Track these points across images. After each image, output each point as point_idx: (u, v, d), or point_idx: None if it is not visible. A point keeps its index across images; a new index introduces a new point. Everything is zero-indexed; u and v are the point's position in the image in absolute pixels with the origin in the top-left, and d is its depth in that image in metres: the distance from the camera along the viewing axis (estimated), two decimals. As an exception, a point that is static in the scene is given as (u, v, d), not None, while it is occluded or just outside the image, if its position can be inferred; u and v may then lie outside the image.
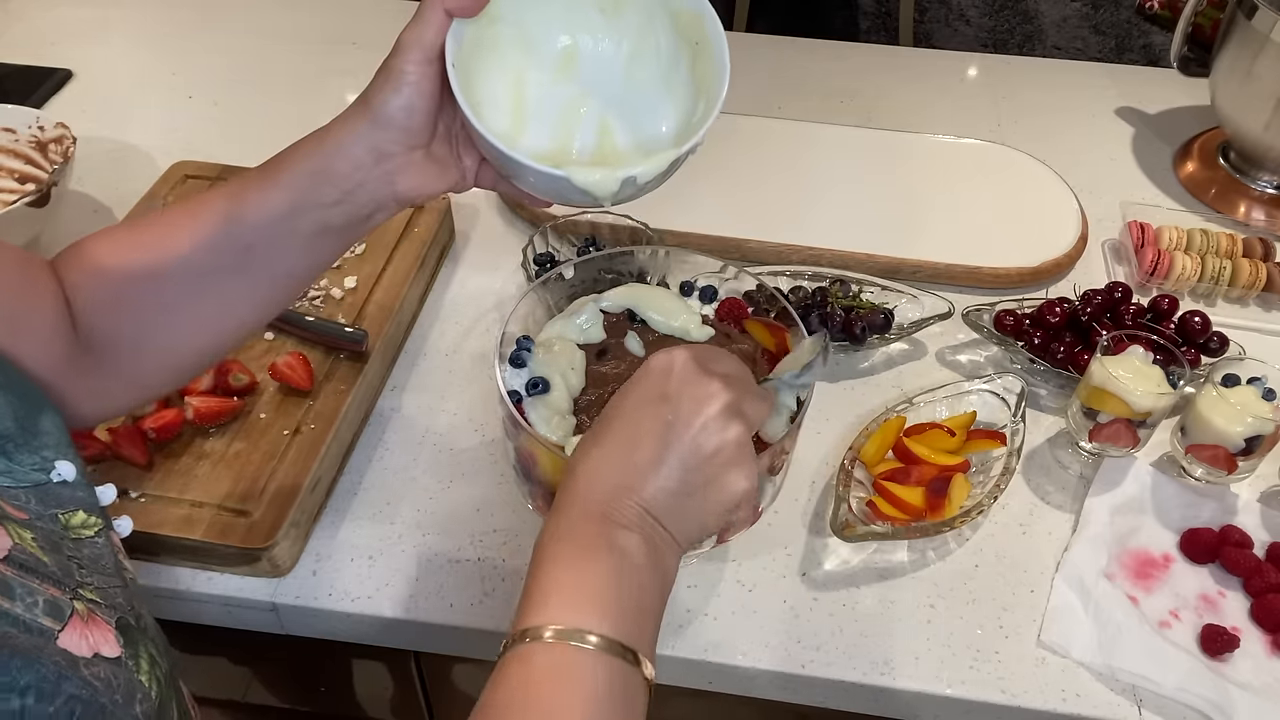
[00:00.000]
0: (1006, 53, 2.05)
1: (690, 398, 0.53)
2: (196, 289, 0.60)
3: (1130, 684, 0.72)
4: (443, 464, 0.85)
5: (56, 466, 0.53)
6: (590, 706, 0.47)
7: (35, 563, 0.48)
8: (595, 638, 0.47)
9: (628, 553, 0.50)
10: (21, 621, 0.45)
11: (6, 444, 0.51)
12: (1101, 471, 0.85)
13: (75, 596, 0.49)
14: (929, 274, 1.02)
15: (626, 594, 0.50)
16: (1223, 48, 1.12)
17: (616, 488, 0.52)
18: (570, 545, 0.51)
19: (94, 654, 0.47)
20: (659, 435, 0.53)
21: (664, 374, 0.54)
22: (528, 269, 0.97)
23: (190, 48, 1.34)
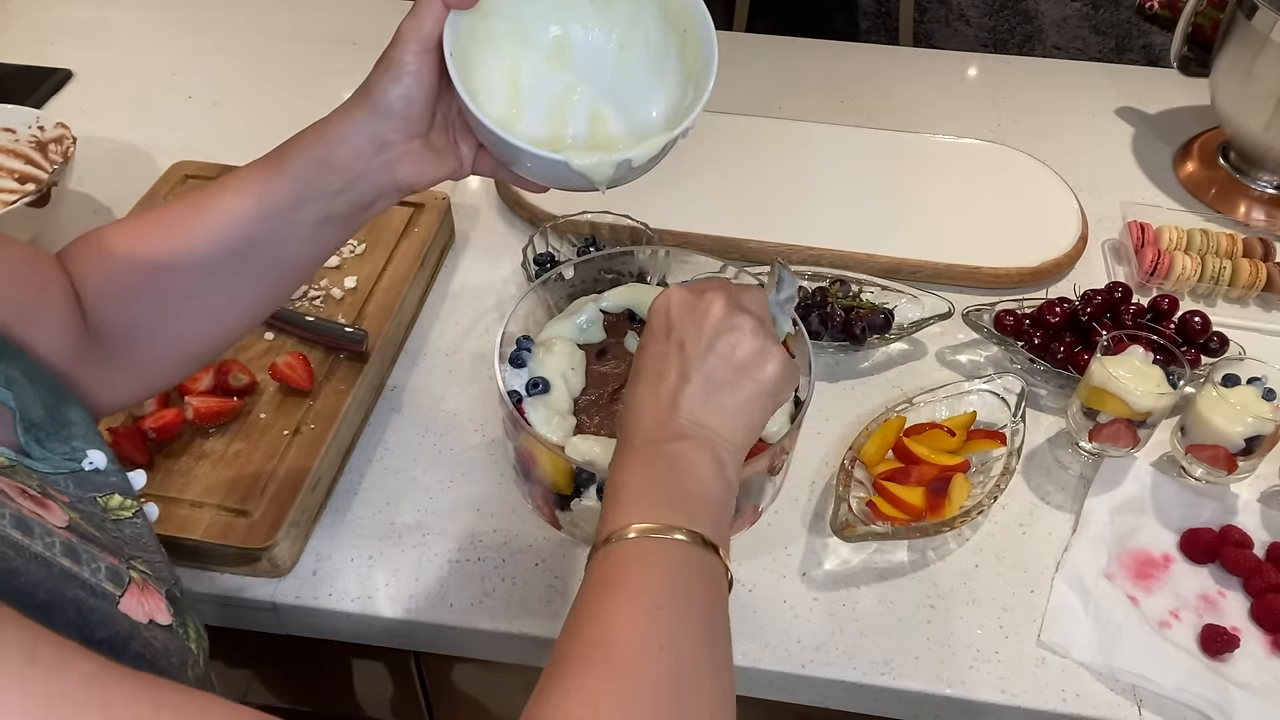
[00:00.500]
0: (1006, 53, 2.05)
1: (691, 318, 0.58)
2: (205, 280, 0.61)
3: (1130, 684, 0.72)
4: (443, 464, 0.85)
5: (88, 455, 0.55)
6: (664, 580, 0.49)
7: (91, 535, 0.50)
8: (679, 533, 0.50)
9: (688, 461, 0.54)
10: (89, 585, 0.47)
11: (39, 433, 0.53)
12: (1101, 471, 0.85)
13: (129, 566, 0.51)
14: (929, 274, 1.02)
15: (694, 495, 0.53)
16: (1223, 48, 1.12)
17: (658, 414, 0.56)
18: (634, 468, 0.54)
19: (150, 620, 0.50)
20: (676, 358, 0.57)
21: (662, 312, 0.59)
22: (528, 269, 0.97)
23: (190, 48, 1.34)
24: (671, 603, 0.48)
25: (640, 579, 0.49)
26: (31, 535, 0.46)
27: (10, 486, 0.48)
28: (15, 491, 0.48)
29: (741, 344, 0.57)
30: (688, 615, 0.48)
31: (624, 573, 0.49)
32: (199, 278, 0.61)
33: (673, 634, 0.47)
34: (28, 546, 0.45)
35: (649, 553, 0.50)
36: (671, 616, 0.47)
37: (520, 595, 0.76)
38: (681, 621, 0.47)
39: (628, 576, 0.49)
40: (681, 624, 0.47)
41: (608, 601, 0.48)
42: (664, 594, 0.48)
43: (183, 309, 0.62)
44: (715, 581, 0.51)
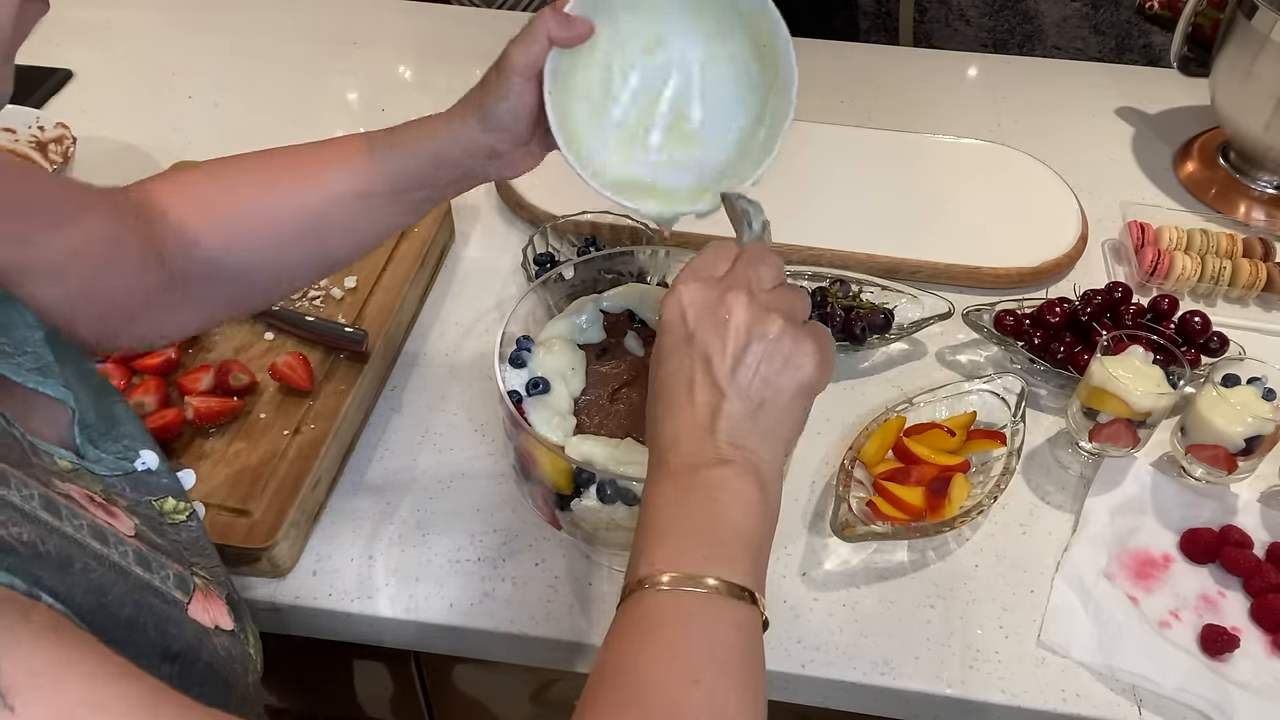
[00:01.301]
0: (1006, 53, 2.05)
1: (712, 325, 0.53)
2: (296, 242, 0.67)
3: (1130, 684, 0.72)
4: (443, 464, 0.85)
5: (141, 455, 0.56)
6: (702, 645, 0.47)
7: (155, 541, 0.51)
8: (708, 580, 0.48)
9: (730, 493, 0.51)
10: (161, 593, 0.48)
11: (92, 433, 0.53)
12: (1101, 471, 0.85)
13: (192, 572, 0.52)
14: (929, 274, 1.02)
15: (734, 535, 0.50)
16: (1223, 48, 1.12)
17: (694, 435, 0.52)
18: (672, 497, 0.51)
19: (215, 625, 0.50)
20: (705, 374, 0.53)
21: (677, 317, 0.54)
22: (528, 269, 0.97)
23: (190, 48, 1.34)
24: (707, 672, 0.46)
25: (676, 641, 0.47)
26: (108, 544, 0.46)
27: (80, 494, 0.48)
28: (84, 499, 0.48)
29: (775, 350, 0.53)
30: (721, 686, 0.46)
31: (659, 630, 0.47)
32: (294, 238, 0.66)
33: (709, 705, 0.45)
34: (106, 556, 0.45)
35: (685, 610, 0.48)
36: (707, 690, 0.46)
37: (520, 595, 0.76)
38: (716, 693, 0.46)
39: (663, 635, 0.47)
40: (716, 695, 0.46)
41: (643, 658, 0.47)
42: (700, 662, 0.46)
43: (269, 263, 0.67)
44: (751, 637, 0.49)
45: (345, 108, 1.24)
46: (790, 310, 0.55)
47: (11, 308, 0.53)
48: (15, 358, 0.51)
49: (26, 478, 0.44)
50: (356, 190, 0.66)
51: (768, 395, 0.53)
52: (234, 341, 0.90)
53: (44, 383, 0.51)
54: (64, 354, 0.55)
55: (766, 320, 0.53)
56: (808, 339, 0.54)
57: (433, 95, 1.26)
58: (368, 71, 1.30)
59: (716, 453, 0.52)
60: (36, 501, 0.43)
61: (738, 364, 0.53)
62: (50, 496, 0.45)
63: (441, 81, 1.30)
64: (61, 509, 0.45)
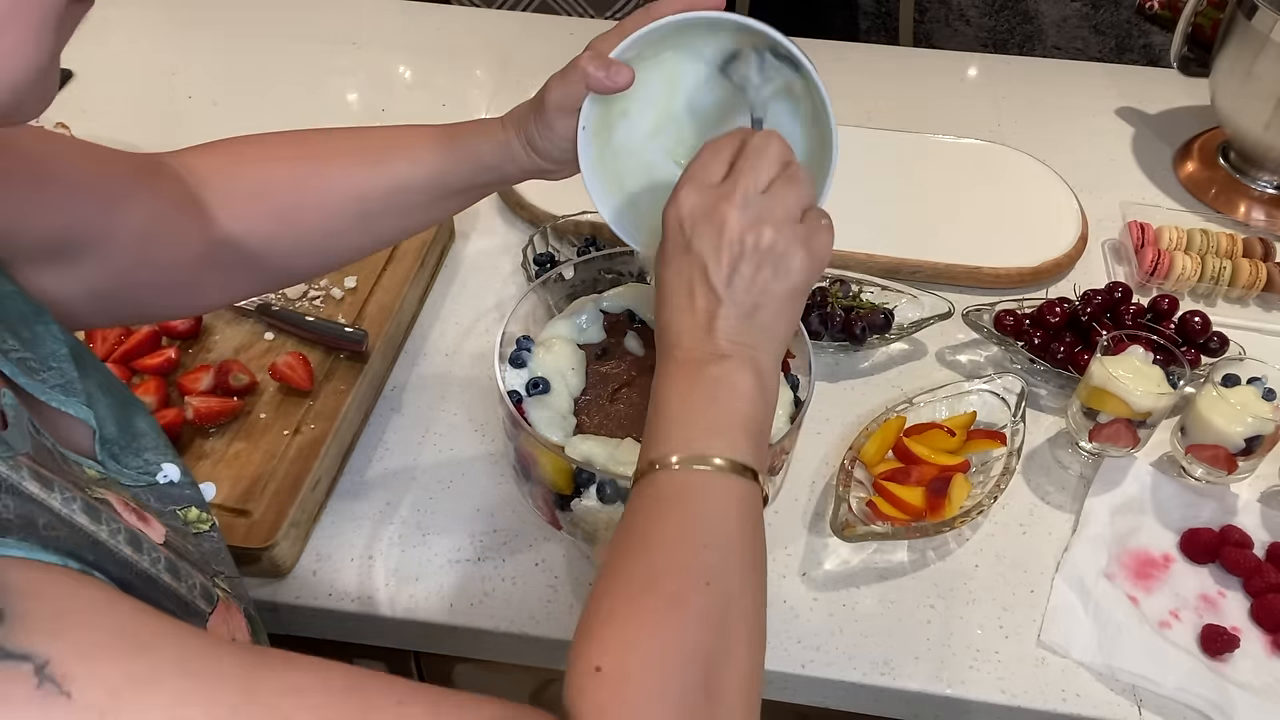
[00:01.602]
0: (1006, 53, 2.05)
1: (708, 235, 0.55)
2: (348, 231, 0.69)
3: (1130, 684, 0.72)
4: (443, 464, 0.85)
5: (163, 468, 0.56)
6: (709, 515, 0.50)
7: (183, 549, 0.51)
8: (713, 458, 0.51)
9: (730, 383, 0.54)
10: (187, 603, 0.48)
11: (114, 448, 0.54)
12: (1101, 471, 0.85)
13: (214, 585, 0.52)
14: (929, 274, 1.02)
15: (736, 419, 0.53)
16: (1223, 48, 1.12)
17: (694, 334, 0.55)
18: (677, 387, 0.55)
19: (233, 639, 0.51)
20: (702, 280, 0.55)
21: (678, 225, 0.56)
22: (528, 269, 0.97)
23: (190, 48, 1.34)
24: (716, 539, 0.50)
25: (686, 513, 0.50)
26: (141, 551, 0.46)
27: (117, 499, 0.48)
28: (120, 505, 0.48)
29: (766, 258, 0.55)
30: (731, 551, 0.50)
31: (670, 505, 0.51)
32: (344, 223, 0.68)
33: (718, 570, 0.48)
34: (137, 564, 0.46)
35: (693, 485, 0.51)
36: (716, 554, 0.49)
37: (520, 595, 0.76)
38: (726, 558, 0.49)
39: (674, 509, 0.51)
40: (725, 560, 0.49)
41: (654, 533, 0.50)
42: (709, 531, 0.50)
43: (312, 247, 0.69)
44: (754, 509, 0.52)
45: (345, 108, 1.24)
46: (784, 213, 0.56)
47: (40, 322, 0.53)
48: (41, 373, 0.51)
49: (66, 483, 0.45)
50: (420, 184, 0.68)
51: (761, 300, 0.55)
52: (234, 341, 0.90)
53: (66, 402, 0.52)
54: (88, 368, 0.55)
55: (759, 229, 0.55)
56: (797, 245, 0.55)
57: (433, 95, 1.27)
58: (368, 71, 1.30)
59: (715, 349, 0.55)
60: (77, 505, 0.44)
61: (732, 273, 0.55)
62: (90, 501, 0.45)
63: (441, 81, 1.30)
64: (101, 514, 0.45)
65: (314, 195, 0.67)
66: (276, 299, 0.93)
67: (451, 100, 1.26)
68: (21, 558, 0.38)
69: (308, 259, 0.70)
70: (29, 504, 0.41)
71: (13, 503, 0.40)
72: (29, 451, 0.44)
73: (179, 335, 0.89)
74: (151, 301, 0.66)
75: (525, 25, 1.42)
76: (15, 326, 0.52)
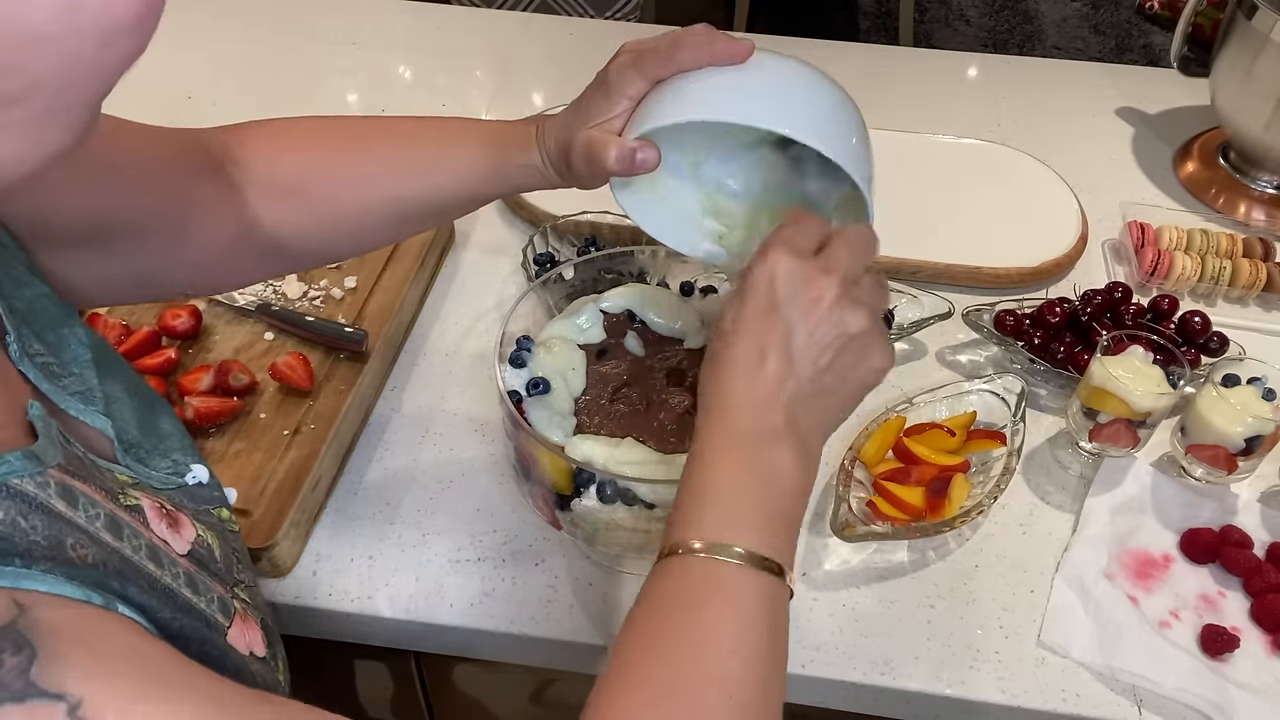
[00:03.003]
0: (1006, 53, 2.05)
1: (800, 304, 0.53)
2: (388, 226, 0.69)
3: (1130, 684, 0.72)
4: (443, 464, 0.85)
5: (193, 469, 0.56)
6: (738, 619, 0.48)
7: (208, 558, 0.51)
8: (743, 552, 0.49)
9: (776, 466, 0.52)
10: (205, 616, 0.48)
11: (139, 451, 0.54)
12: (1101, 471, 0.85)
13: (234, 595, 0.52)
14: (929, 274, 1.02)
15: (775, 507, 0.51)
16: (1223, 48, 1.12)
17: (755, 403, 0.52)
18: (721, 460, 0.52)
19: (250, 652, 0.51)
20: (781, 345, 0.52)
21: (768, 285, 0.53)
22: (528, 269, 0.97)
23: (189, 46, 1.34)
24: (743, 645, 0.48)
25: (714, 612, 0.48)
26: (161, 566, 0.46)
27: (151, 504, 0.49)
28: (154, 512, 0.48)
29: (854, 344, 0.53)
30: (756, 659, 0.48)
31: (696, 600, 0.48)
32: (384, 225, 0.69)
33: (740, 680, 0.47)
34: (159, 579, 0.46)
35: (723, 579, 0.49)
36: (739, 661, 0.47)
37: (520, 595, 0.76)
38: (750, 666, 0.47)
39: (700, 605, 0.48)
40: (749, 668, 0.47)
41: (677, 630, 0.48)
42: (737, 636, 0.48)
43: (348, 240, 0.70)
44: (782, 611, 0.50)
45: (345, 108, 1.24)
46: (875, 307, 0.55)
47: (66, 325, 0.53)
48: (62, 379, 0.51)
49: (95, 493, 0.45)
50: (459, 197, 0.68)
51: (834, 385, 0.53)
52: (234, 341, 0.90)
53: (84, 410, 0.51)
54: (114, 370, 0.55)
55: (855, 313, 0.53)
56: (882, 340, 0.55)
57: (433, 95, 1.27)
58: (367, 71, 1.30)
59: (772, 425, 0.52)
60: (101, 522, 0.44)
61: (817, 347, 0.53)
62: (115, 515, 0.45)
63: (441, 81, 1.30)
64: (124, 528, 0.45)
65: (352, 195, 0.67)
66: (276, 299, 0.93)
67: (451, 100, 1.26)
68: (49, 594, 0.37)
69: (339, 248, 0.71)
70: (58, 523, 0.41)
71: (41, 523, 0.40)
72: (60, 462, 0.44)
73: (179, 335, 0.89)
74: (185, 280, 0.66)
75: (525, 25, 1.42)
76: (42, 330, 0.52)
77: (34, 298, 0.52)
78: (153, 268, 0.61)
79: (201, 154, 0.63)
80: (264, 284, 0.94)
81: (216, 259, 0.64)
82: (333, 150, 0.67)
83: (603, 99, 0.61)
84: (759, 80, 0.58)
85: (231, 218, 0.64)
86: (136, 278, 0.61)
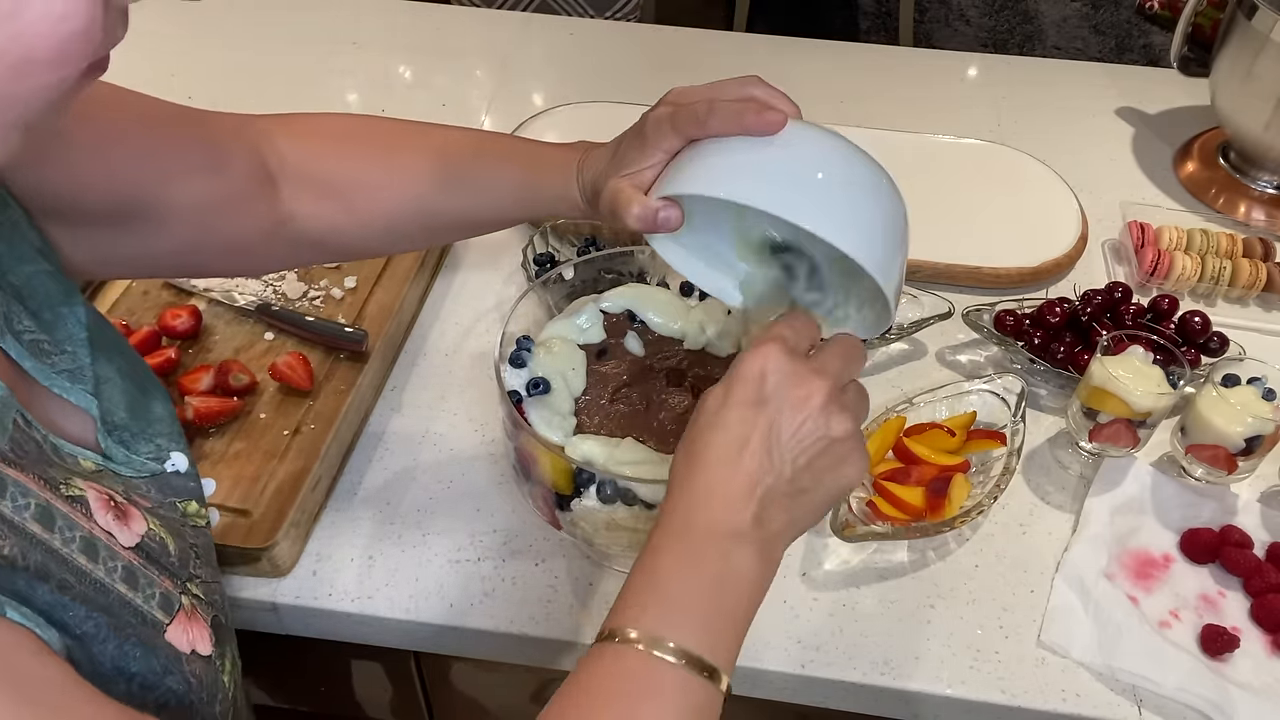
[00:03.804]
0: (1006, 53, 2.05)
1: (789, 400, 0.52)
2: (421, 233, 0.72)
3: (1130, 684, 0.72)
4: (443, 464, 0.85)
5: (171, 457, 0.56)
6: None
7: (159, 551, 0.51)
8: (681, 652, 0.48)
9: (736, 565, 0.50)
10: (140, 613, 0.47)
11: (124, 434, 0.54)
12: (1101, 471, 0.85)
13: (184, 591, 0.51)
14: (929, 274, 1.02)
15: (724, 607, 0.50)
16: (1223, 48, 1.12)
17: (729, 497, 0.51)
18: (680, 551, 0.51)
19: (192, 650, 0.50)
20: (762, 442, 0.52)
21: (758, 378, 0.53)
22: (528, 269, 0.97)
23: (189, 48, 1.34)
24: None
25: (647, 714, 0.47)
26: (96, 559, 0.46)
27: (97, 496, 0.48)
28: (100, 503, 0.48)
29: (835, 450, 0.53)
30: None
31: (633, 697, 0.47)
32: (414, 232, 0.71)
33: None
34: (89, 573, 0.45)
35: (662, 684, 0.47)
36: None
37: (520, 595, 0.76)
38: None
39: (636, 705, 0.47)
40: None
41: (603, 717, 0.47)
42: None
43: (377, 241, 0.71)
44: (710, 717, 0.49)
45: (345, 108, 1.23)
46: (859, 415, 0.54)
47: (66, 304, 0.54)
48: (52, 356, 0.51)
49: (31, 482, 0.44)
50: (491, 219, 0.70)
51: (809, 485, 0.53)
52: (234, 341, 0.90)
53: (70, 389, 0.51)
54: (110, 351, 0.56)
55: (841, 418, 0.53)
56: (860, 449, 0.54)
57: (433, 95, 1.27)
58: (367, 71, 1.30)
59: (740, 520, 0.51)
60: (30, 512, 0.43)
61: (799, 447, 0.52)
62: (50, 505, 0.45)
63: (441, 81, 1.30)
64: (57, 519, 0.45)
65: (386, 203, 0.68)
66: (276, 299, 0.93)
67: (451, 100, 1.26)
68: None
69: (371, 246, 0.73)
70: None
71: None
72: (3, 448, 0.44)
73: (179, 335, 0.89)
74: (216, 263, 0.68)
75: (525, 25, 1.42)
76: (38, 308, 0.52)
77: (32, 274, 0.52)
78: (178, 250, 0.62)
79: (238, 140, 0.64)
80: (264, 284, 0.94)
81: (247, 248, 0.66)
82: (370, 160, 0.68)
83: (638, 149, 0.60)
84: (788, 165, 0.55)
85: (262, 212, 0.65)
86: (162, 257, 0.63)
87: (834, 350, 0.55)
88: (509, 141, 0.71)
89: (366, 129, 0.70)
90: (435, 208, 0.68)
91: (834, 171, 0.55)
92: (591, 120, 0.71)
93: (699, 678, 0.48)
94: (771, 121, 0.55)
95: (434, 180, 0.68)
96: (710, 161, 0.56)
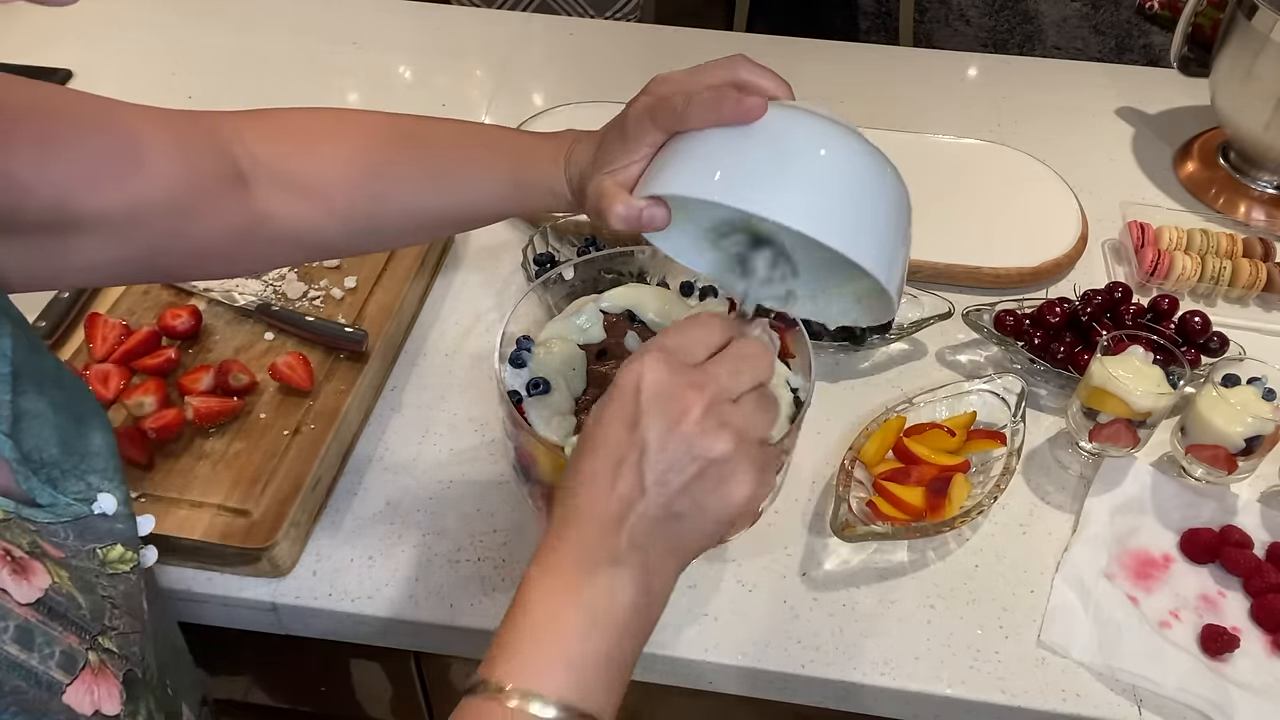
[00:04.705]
0: (1006, 53, 2.05)
1: (663, 417, 0.48)
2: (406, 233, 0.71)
3: (1130, 684, 0.72)
4: (443, 464, 0.85)
5: (99, 499, 0.53)
6: None
7: (66, 605, 0.47)
8: (556, 702, 0.46)
9: (613, 595, 0.48)
10: (34, 674, 0.44)
11: (53, 472, 0.50)
12: (1101, 471, 0.85)
13: (92, 646, 0.48)
14: (929, 274, 1.02)
15: (601, 647, 0.48)
16: (1223, 48, 1.12)
17: (602, 522, 0.49)
18: (551, 586, 0.49)
19: (94, 711, 0.47)
20: (634, 464, 0.48)
21: (633, 393, 0.49)
22: (528, 269, 0.97)
23: (190, 47, 1.34)
24: None
25: None
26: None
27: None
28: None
29: (713, 471, 0.49)
30: None
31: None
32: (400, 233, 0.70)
33: None
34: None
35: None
36: None
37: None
38: None
39: None
40: None
41: None
42: None
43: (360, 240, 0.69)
44: None
45: (351, 109, 1.23)
46: (746, 429, 0.50)
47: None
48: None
49: None
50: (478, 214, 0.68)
51: (688, 511, 0.49)
52: (234, 341, 0.90)
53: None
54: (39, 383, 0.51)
55: (717, 436, 0.48)
56: (749, 469, 0.49)
57: (433, 95, 1.27)
58: (367, 71, 1.30)
59: (614, 549, 0.48)
60: None
61: (669, 470, 0.48)
62: None
63: (441, 81, 1.30)
64: None
65: (368, 201, 0.65)
66: (276, 299, 0.93)
67: (451, 100, 1.26)
68: None
69: (356, 245, 0.71)
70: None
71: None
72: None
73: (179, 335, 0.89)
74: (187, 267, 0.65)
75: (525, 25, 1.42)
76: None
77: None
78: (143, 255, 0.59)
79: (206, 140, 0.61)
80: (264, 284, 0.94)
81: (218, 251, 0.63)
82: (352, 152, 0.65)
83: (620, 144, 0.58)
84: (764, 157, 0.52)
85: (234, 212, 0.62)
86: (126, 264, 0.59)
87: (726, 357, 0.51)
88: (495, 133, 0.69)
89: (344, 124, 0.67)
90: (420, 204, 0.66)
91: (813, 159, 0.52)
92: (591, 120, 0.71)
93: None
94: (750, 108, 0.52)
95: (418, 176, 0.66)
96: (686, 159, 0.55)
